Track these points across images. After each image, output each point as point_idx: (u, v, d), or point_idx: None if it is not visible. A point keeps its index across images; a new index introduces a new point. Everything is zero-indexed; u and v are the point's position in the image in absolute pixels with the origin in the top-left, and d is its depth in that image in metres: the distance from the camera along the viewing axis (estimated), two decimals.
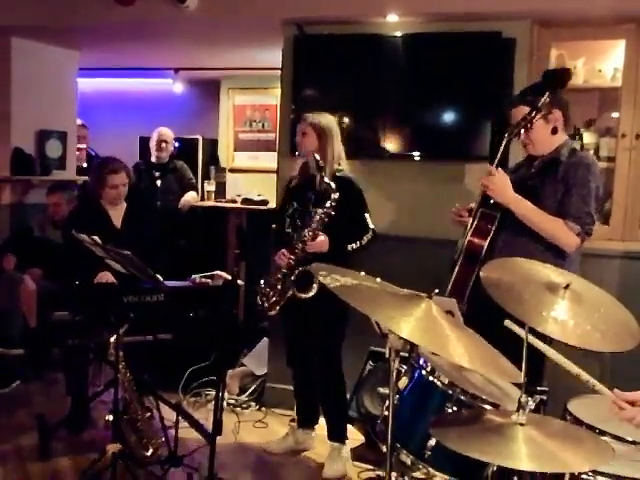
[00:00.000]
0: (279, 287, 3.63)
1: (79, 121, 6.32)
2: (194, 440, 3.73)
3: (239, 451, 3.96)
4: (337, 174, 3.63)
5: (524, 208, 3.03)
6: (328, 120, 3.71)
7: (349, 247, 3.58)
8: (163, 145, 5.96)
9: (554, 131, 3.06)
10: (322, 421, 3.98)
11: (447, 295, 3.02)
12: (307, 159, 3.69)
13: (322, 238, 3.55)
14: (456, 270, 3.14)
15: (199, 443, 3.69)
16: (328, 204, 3.51)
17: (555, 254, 3.00)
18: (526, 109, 3.01)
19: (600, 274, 3.41)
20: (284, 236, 3.72)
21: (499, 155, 3.09)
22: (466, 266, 3.10)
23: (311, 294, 3.51)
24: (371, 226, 3.64)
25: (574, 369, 2.10)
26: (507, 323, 2.18)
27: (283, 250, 3.62)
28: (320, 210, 3.53)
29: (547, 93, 2.96)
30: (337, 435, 3.80)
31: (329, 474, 3.68)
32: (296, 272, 3.56)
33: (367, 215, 3.66)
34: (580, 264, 3.16)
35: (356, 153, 3.93)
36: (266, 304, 3.68)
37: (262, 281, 3.73)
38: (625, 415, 1.98)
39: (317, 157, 3.56)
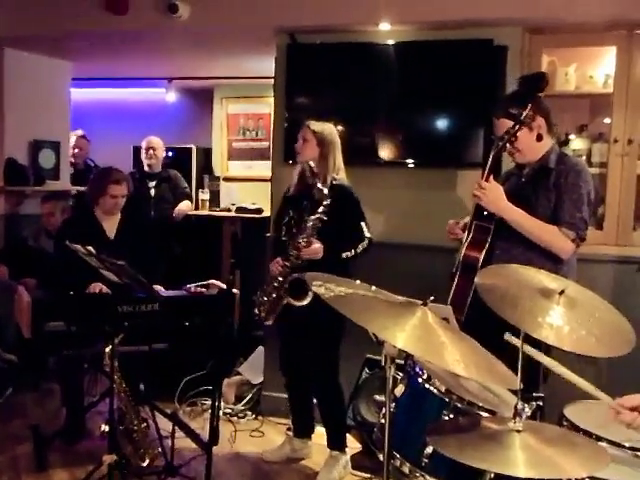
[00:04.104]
0: (274, 295, 3.63)
1: (80, 132, 6.29)
2: (190, 450, 3.73)
3: (236, 460, 3.95)
4: (334, 182, 3.63)
5: (518, 217, 3.03)
6: (330, 129, 3.72)
7: (343, 255, 3.57)
8: (150, 152, 5.95)
9: (539, 138, 3.07)
10: (320, 429, 3.98)
11: None
12: (303, 166, 3.70)
13: (317, 245, 3.54)
14: (454, 283, 3.13)
15: (195, 453, 3.69)
16: (320, 209, 3.51)
17: (553, 261, 2.99)
18: (509, 122, 3.03)
19: (594, 279, 3.42)
20: (281, 244, 3.72)
21: (488, 166, 3.09)
22: (464, 279, 3.09)
23: (306, 302, 3.49)
24: (367, 235, 3.63)
25: (572, 377, 2.10)
26: (507, 337, 2.19)
27: (278, 258, 3.63)
28: (312, 217, 3.53)
29: (529, 106, 2.98)
30: (336, 443, 3.79)
31: None
32: (289, 279, 3.55)
33: (363, 224, 3.65)
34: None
35: (349, 160, 3.93)
36: (263, 313, 3.68)
37: (259, 291, 3.73)
38: (622, 418, 1.99)
39: (312, 164, 3.58)
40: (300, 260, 3.54)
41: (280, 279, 3.60)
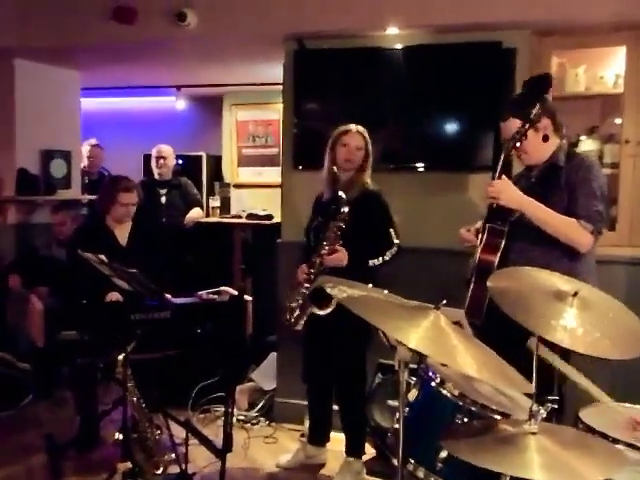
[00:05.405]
0: (301, 302, 3.60)
1: (94, 141, 6.31)
2: (204, 457, 3.72)
3: (249, 467, 3.94)
4: (366, 187, 3.62)
5: (537, 209, 2.98)
6: None
7: (371, 262, 3.52)
8: (161, 161, 5.97)
9: (545, 139, 3.05)
10: (335, 435, 3.96)
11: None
12: (339, 173, 3.63)
13: (340, 252, 3.51)
14: (470, 289, 3.10)
15: (209, 460, 3.68)
16: (338, 218, 3.49)
17: (570, 259, 2.96)
18: (517, 122, 3.01)
19: (607, 280, 3.38)
20: (309, 250, 3.70)
21: (499, 168, 3.07)
22: (480, 284, 3.05)
23: (329, 310, 3.44)
24: (396, 241, 3.59)
25: (591, 387, 2.09)
26: (530, 343, 2.17)
27: (303, 265, 3.60)
28: (331, 224, 3.51)
29: (538, 105, 2.96)
30: (354, 450, 3.77)
31: None
32: (311, 288, 3.50)
33: (392, 230, 3.61)
34: None
35: None
36: (292, 319, 3.65)
37: (286, 296, 3.71)
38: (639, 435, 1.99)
39: (335, 169, 3.56)
40: (323, 267, 3.52)
41: (306, 286, 3.58)
